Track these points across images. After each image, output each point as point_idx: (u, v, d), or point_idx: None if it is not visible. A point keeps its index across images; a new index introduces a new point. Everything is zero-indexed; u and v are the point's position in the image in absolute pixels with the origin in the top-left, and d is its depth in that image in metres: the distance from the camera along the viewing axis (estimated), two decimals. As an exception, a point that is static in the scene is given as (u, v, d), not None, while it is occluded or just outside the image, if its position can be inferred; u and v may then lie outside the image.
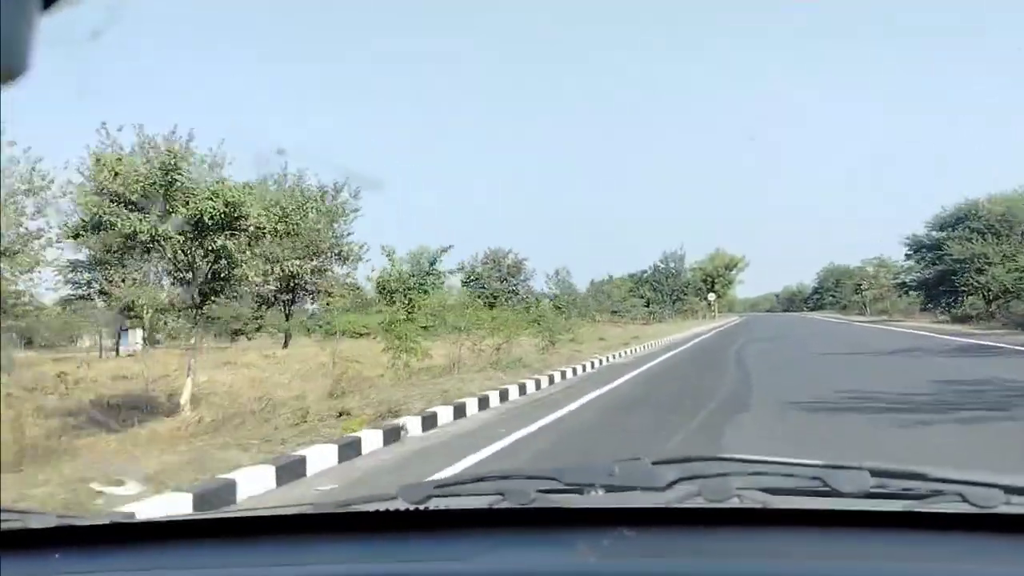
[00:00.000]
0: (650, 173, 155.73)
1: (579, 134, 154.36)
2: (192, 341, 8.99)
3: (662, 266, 66.54)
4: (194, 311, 8.16)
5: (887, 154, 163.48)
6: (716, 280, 74.25)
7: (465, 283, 53.21)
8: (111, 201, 8.29)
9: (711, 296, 67.85)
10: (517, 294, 50.07)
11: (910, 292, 50.56)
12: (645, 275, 65.35)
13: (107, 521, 1.16)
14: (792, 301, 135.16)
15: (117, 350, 23.48)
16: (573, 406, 9.35)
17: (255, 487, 5.05)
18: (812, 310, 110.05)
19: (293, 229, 7.90)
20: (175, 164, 7.26)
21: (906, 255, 48.34)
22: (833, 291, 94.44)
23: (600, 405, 9.65)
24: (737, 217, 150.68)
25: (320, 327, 24.82)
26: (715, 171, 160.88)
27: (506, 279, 52.19)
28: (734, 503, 1.04)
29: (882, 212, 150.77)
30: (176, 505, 4.29)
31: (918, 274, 46.54)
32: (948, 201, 42.46)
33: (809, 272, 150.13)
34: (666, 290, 64.09)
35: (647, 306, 58.48)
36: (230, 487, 4.86)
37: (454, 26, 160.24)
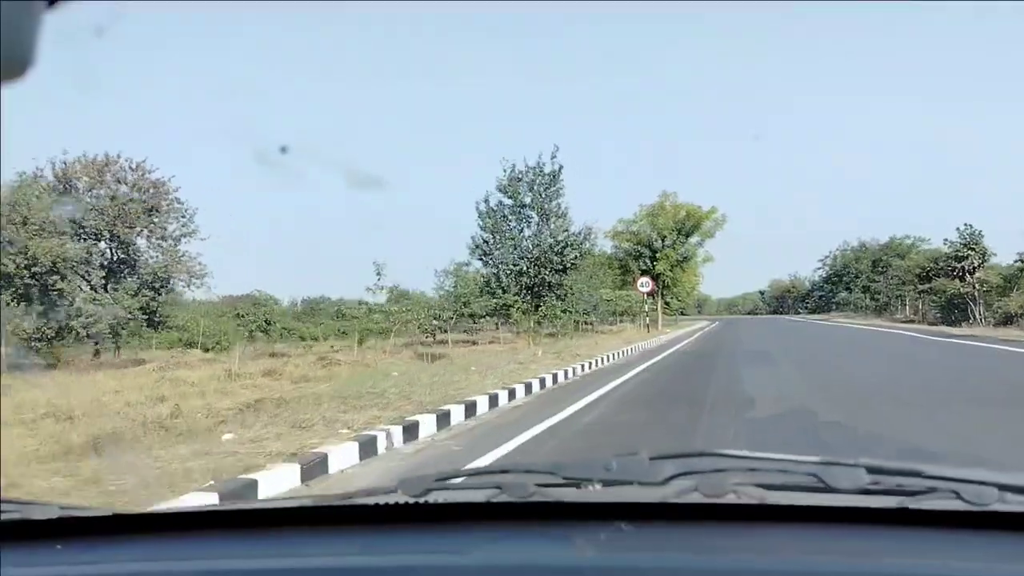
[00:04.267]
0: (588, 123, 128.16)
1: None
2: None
3: (508, 202, 23.62)
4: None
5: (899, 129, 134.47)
6: (659, 254, 37.93)
7: None
8: None
9: (644, 282, 31.10)
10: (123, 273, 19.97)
11: None
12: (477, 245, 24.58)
13: (109, 512, 1.16)
14: (783, 300, 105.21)
15: None
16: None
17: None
18: (813, 312, 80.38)
19: None
20: None
21: None
22: (870, 278, 62.74)
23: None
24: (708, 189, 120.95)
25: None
26: (679, 127, 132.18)
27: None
28: (731, 499, 1.04)
29: (900, 192, 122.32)
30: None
31: None
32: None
33: (804, 264, 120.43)
34: (508, 269, 23.90)
35: (504, 308, 25.11)
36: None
37: (459, 18, 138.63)
